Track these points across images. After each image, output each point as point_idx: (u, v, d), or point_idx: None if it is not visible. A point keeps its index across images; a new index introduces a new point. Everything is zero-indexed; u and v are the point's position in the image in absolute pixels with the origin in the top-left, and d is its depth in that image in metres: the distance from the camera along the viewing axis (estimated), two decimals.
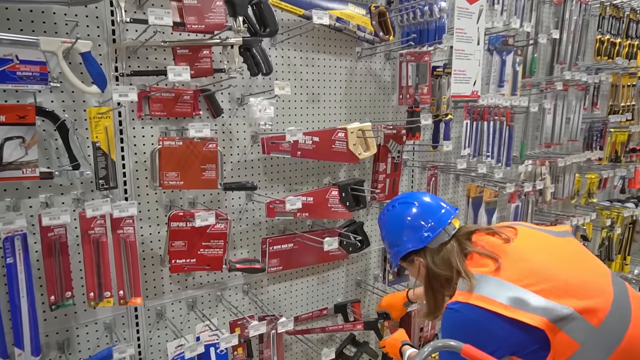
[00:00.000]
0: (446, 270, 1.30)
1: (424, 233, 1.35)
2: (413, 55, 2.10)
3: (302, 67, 2.00)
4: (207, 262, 1.67)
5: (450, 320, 1.20)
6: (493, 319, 1.11)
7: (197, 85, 1.71)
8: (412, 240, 1.37)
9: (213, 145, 1.59)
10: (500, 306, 1.11)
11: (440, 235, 1.35)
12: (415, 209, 1.40)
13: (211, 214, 1.50)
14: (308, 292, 2.21)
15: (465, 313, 1.16)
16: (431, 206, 1.41)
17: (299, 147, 1.82)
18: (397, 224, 1.42)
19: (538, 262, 1.19)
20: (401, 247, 1.40)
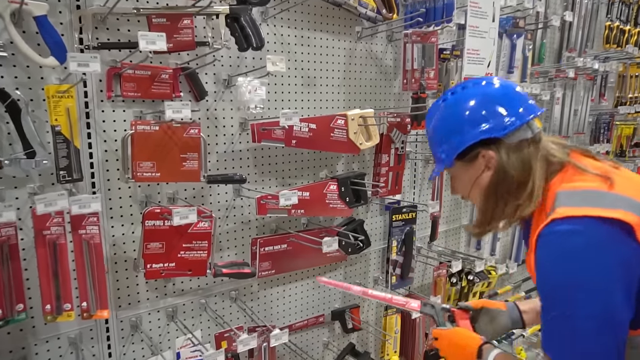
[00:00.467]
0: (521, 174, 1.03)
1: (507, 119, 1.03)
2: (419, 35, 1.90)
3: (297, 46, 1.79)
4: (189, 266, 1.45)
5: (566, 243, 0.89)
6: (617, 235, 0.85)
7: (178, 63, 1.48)
8: (489, 126, 1.03)
9: (195, 131, 1.36)
10: (633, 219, 0.85)
11: (523, 130, 1.04)
12: (497, 89, 1.08)
13: (192, 211, 1.28)
14: (303, 297, 2.00)
15: (591, 230, 0.87)
16: (516, 91, 1.09)
17: (294, 135, 1.60)
18: (470, 106, 1.07)
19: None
20: (469, 135, 1.05)
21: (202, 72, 1.57)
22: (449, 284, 2.25)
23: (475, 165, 1.08)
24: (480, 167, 1.07)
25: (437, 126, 1.14)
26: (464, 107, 1.07)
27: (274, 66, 1.31)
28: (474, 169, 1.09)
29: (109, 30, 1.37)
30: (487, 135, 1.04)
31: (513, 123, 1.03)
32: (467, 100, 1.08)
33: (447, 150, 1.11)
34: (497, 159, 1.04)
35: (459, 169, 1.13)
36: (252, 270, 1.55)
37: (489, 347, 1.15)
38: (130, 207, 1.50)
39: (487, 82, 1.10)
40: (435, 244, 2.41)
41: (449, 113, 1.10)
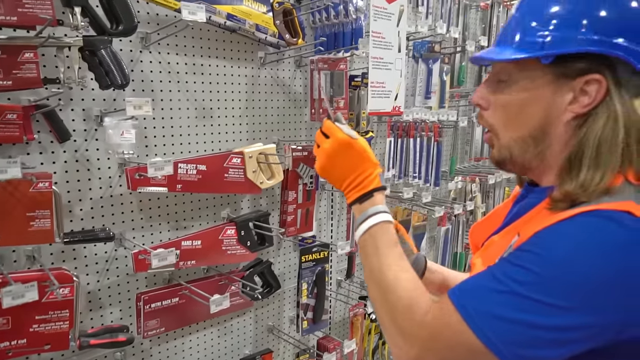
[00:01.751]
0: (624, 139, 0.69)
1: None
2: (326, 62, 1.77)
3: (188, 75, 1.60)
4: (46, 340, 1.23)
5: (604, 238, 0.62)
6: None
7: (31, 99, 1.26)
8: (635, 47, 0.68)
9: (45, 185, 1.15)
10: None
11: None
12: None
13: (31, 288, 1.06)
14: (207, 347, 1.81)
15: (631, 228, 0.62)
16: None
17: (179, 179, 1.42)
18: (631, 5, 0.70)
19: None
20: (609, 40, 0.68)
21: (67, 108, 1.35)
22: (369, 319, 2.14)
23: (563, 86, 0.71)
24: (567, 91, 0.71)
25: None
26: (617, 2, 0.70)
27: (137, 110, 1.12)
28: (557, 90, 0.72)
29: None
30: (623, 53, 0.67)
31: None
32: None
33: (560, 38, 0.70)
34: (610, 99, 0.69)
35: (535, 79, 0.73)
36: (129, 337, 1.35)
37: (381, 203, 0.83)
38: None
39: None
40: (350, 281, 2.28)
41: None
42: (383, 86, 1.61)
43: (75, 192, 1.40)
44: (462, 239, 2.60)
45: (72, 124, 1.35)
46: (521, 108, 0.75)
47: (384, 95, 1.62)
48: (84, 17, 1.10)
